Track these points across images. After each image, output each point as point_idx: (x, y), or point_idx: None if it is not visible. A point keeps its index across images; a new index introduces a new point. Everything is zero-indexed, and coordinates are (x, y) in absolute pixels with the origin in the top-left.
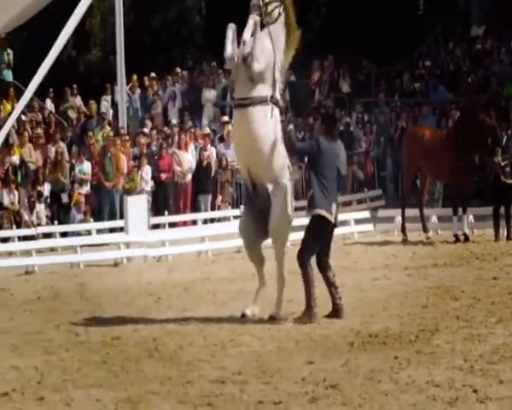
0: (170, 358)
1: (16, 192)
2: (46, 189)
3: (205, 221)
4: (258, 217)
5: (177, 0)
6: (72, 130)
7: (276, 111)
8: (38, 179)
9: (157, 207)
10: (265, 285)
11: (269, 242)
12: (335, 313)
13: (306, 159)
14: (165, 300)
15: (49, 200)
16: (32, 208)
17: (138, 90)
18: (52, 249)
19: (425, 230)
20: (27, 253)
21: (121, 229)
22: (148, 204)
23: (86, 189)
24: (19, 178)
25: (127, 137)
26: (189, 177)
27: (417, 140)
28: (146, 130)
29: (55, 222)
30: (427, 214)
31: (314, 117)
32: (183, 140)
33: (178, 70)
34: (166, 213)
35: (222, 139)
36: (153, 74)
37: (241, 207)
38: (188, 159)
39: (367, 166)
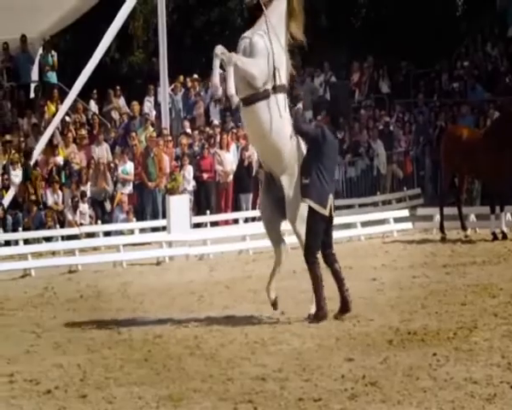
0: (211, 355)
1: (60, 192)
2: (89, 189)
3: (246, 220)
4: (276, 199)
5: (220, 1)
6: (115, 131)
7: (282, 98)
8: (82, 179)
9: (199, 206)
10: (281, 263)
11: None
12: (344, 306)
13: (308, 144)
14: (206, 298)
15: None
16: (75, 208)
17: (181, 91)
18: (95, 249)
19: (463, 228)
20: (71, 252)
21: (163, 228)
22: (190, 203)
23: (129, 189)
24: (62, 179)
25: (170, 138)
26: (231, 176)
27: (456, 139)
28: (188, 130)
29: (99, 222)
30: (465, 213)
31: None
32: (225, 140)
33: (220, 71)
34: (208, 212)
35: None
36: (195, 75)
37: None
38: (229, 159)
39: (406, 166)
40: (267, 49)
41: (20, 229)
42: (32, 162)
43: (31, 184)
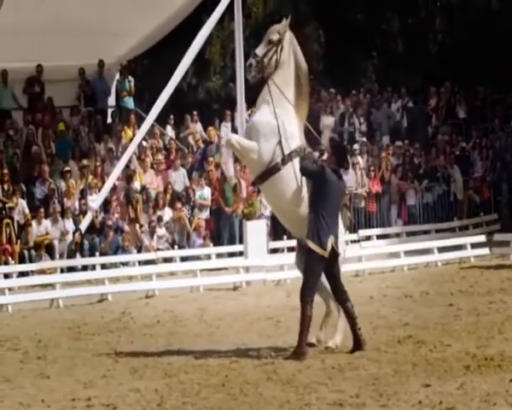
0: (288, 381)
1: None
2: (167, 214)
3: None
4: None
5: (296, 27)
6: (192, 156)
7: (296, 162)
8: (159, 204)
9: (276, 231)
10: (332, 313)
11: None
12: (356, 344)
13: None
14: (283, 323)
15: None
16: (152, 233)
17: None
18: (172, 273)
19: None
20: (148, 277)
21: (240, 253)
22: (267, 229)
23: (206, 214)
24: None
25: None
26: None
27: None
28: None
29: (175, 247)
30: None
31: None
32: None
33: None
34: (285, 237)
35: None
36: None
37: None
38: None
39: (483, 191)
40: (268, 125)
41: (97, 254)
42: (109, 187)
43: (132, 207)
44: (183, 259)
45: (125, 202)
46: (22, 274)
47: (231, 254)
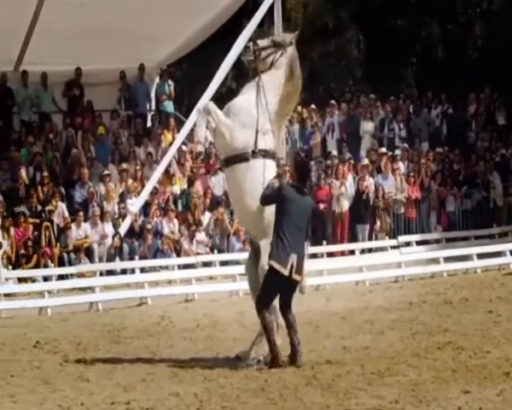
0: (328, 386)
1: (176, 221)
2: (206, 218)
3: (362, 251)
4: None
5: (336, 33)
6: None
7: (265, 163)
8: (198, 209)
9: (315, 236)
10: None
11: None
12: (292, 358)
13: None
14: (323, 328)
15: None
16: (191, 237)
17: (297, 122)
18: (211, 278)
19: None
20: (187, 281)
21: None
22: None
23: None
24: (179, 208)
25: (287, 168)
26: (347, 207)
27: None
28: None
29: (215, 251)
30: None
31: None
32: (341, 170)
33: (333, 102)
34: (324, 242)
35: (379, 170)
36: (312, 106)
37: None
38: (343, 189)
39: None
40: (248, 113)
41: (137, 257)
42: (148, 191)
43: (190, 212)
44: (223, 263)
45: (184, 207)
46: (61, 277)
47: None
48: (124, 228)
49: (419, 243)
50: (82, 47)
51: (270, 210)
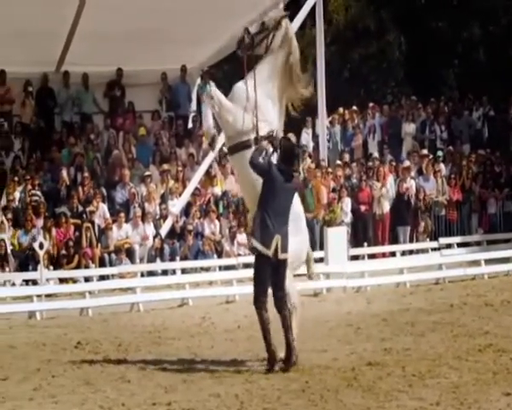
0: (368, 388)
1: (217, 222)
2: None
3: (403, 253)
4: None
5: (378, 35)
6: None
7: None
8: (239, 210)
9: (356, 238)
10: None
11: None
12: (288, 355)
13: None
14: (364, 330)
15: None
16: (232, 238)
17: (339, 123)
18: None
19: None
20: (228, 282)
21: (321, 260)
22: (348, 236)
23: None
24: (220, 209)
25: (330, 170)
26: (387, 208)
27: None
28: (345, 162)
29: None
30: None
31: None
32: (382, 172)
33: (373, 104)
34: (365, 244)
35: (421, 172)
36: (354, 107)
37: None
38: (384, 191)
39: None
40: (248, 98)
41: (178, 258)
42: (190, 192)
43: (232, 213)
44: None
45: (225, 208)
46: (103, 278)
47: None
48: (165, 229)
49: (460, 245)
50: (123, 48)
51: None
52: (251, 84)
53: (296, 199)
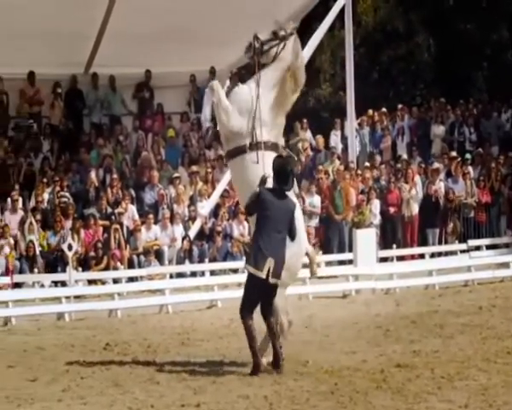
0: (397, 390)
1: (246, 224)
2: None
3: (432, 255)
4: None
5: (407, 37)
6: (301, 163)
7: (267, 155)
8: None
9: (385, 240)
10: None
11: None
12: (274, 363)
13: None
14: (393, 332)
15: None
16: None
17: (368, 125)
18: None
19: None
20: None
21: (350, 261)
22: (377, 237)
23: (316, 221)
24: None
25: (359, 172)
26: (416, 210)
27: None
28: (373, 164)
29: None
30: None
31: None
32: (411, 174)
33: (402, 105)
34: (394, 246)
35: (450, 174)
36: (384, 109)
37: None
38: (414, 192)
39: None
40: (246, 102)
41: (207, 260)
42: (219, 193)
43: None
44: None
45: None
46: (131, 279)
47: (341, 263)
48: (193, 231)
49: (489, 247)
50: (152, 49)
51: None
52: (253, 88)
53: (297, 213)
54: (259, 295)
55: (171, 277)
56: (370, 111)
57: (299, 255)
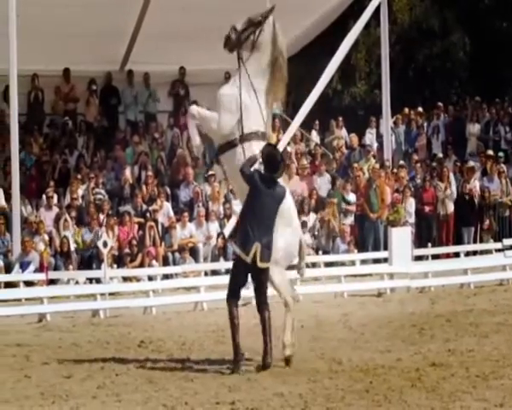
0: (432, 388)
1: None
2: (311, 219)
3: (467, 254)
4: None
5: (442, 35)
6: (336, 161)
7: (253, 145)
8: (303, 209)
9: (420, 239)
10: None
11: None
12: (262, 357)
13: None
14: (427, 330)
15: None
16: None
17: (403, 124)
18: (316, 279)
19: None
20: (292, 282)
21: (385, 260)
22: (412, 236)
23: (351, 219)
24: None
25: (395, 170)
26: (452, 209)
27: None
28: (408, 162)
29: (320, 252)
30: None
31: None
32: (446, 173)
33: (440, 104)
34: (429, 245)
35: (485, 172)
36: (419, 108)
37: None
38: (449, 192)
39: None
40: (232, 100)
41: None
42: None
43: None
44: (327, 264)
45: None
46: (166, 277)
47: (376, 261)
48: (228, 228)
49: None
50: (187, 47)
51: None
52: (236, 84)
53: (289, 201)
54: (244, 280)
55: (205, 274)
56: (406, 109)
57: (295, 239)
